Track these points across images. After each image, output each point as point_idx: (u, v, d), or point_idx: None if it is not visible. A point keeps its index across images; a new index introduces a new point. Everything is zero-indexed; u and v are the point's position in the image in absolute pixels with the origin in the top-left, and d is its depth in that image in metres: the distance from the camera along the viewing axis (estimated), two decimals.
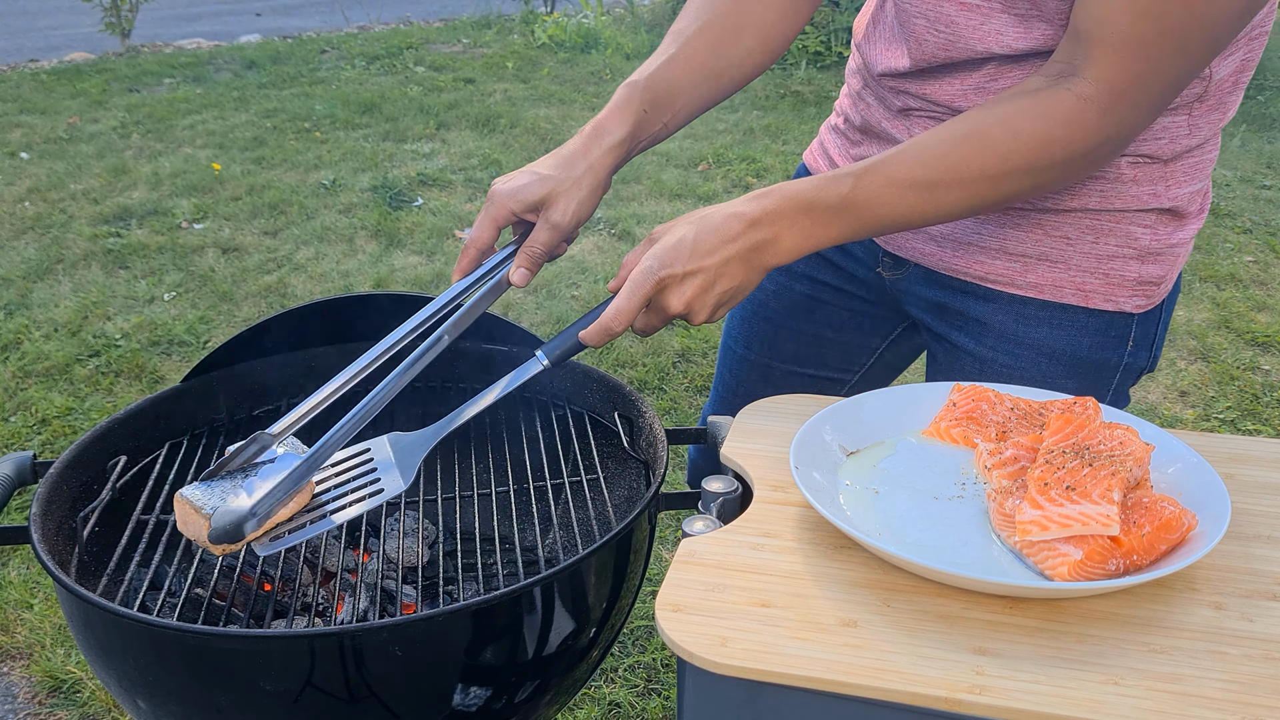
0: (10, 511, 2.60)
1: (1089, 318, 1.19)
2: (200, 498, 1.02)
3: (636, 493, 1.33)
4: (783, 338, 1.45)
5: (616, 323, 1.05)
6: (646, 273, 1.03)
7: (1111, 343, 1.20)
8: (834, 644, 0.77)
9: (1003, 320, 1.22)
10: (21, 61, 7.41)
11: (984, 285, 1.22)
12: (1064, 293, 1.18)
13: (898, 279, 1.32)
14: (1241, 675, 0.74)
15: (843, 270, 1.38)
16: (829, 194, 1.03)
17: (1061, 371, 1.21)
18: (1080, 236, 1.16)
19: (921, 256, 1.26)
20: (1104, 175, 1.13)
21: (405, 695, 1.00)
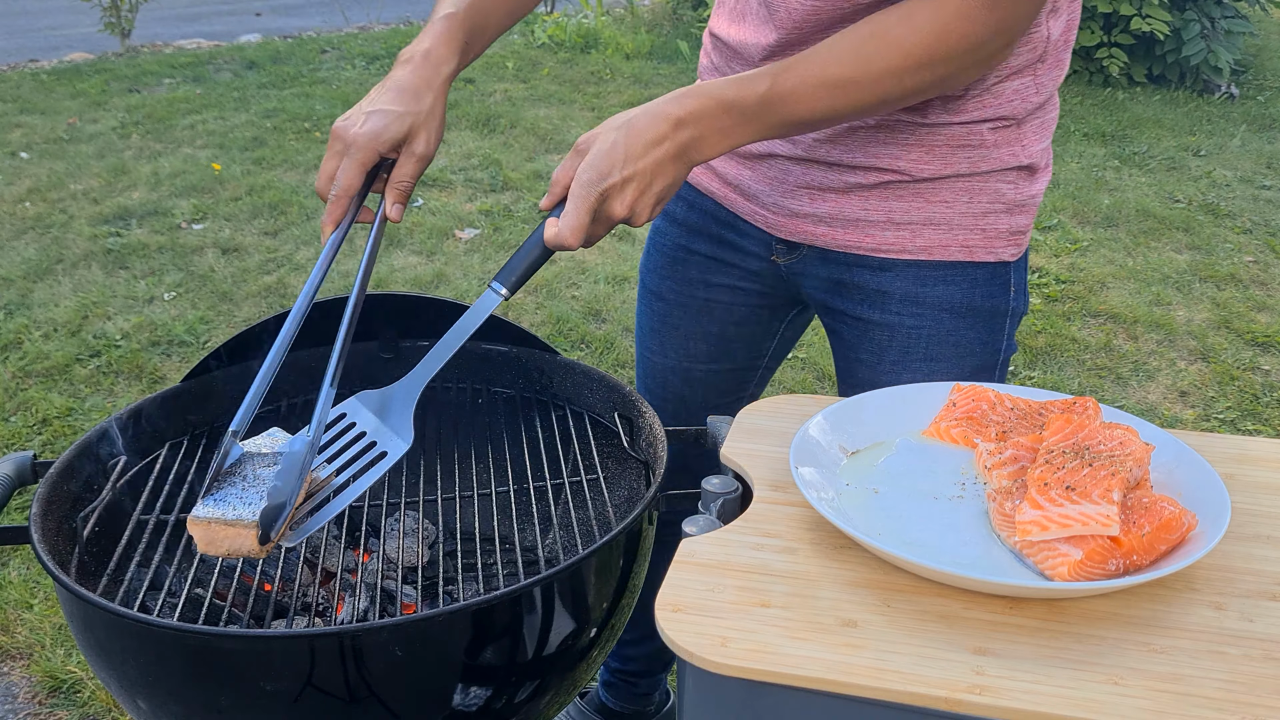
0: (10, 511, 2.60)
1: (976, 270, 1.29)
2: (223, 511, 1.00)
3: (636, 493, 1.33)
4: (692, 341, 1.52)
5: (573, 238, 1.07)
6: (588, 185, 1.06)
7: (999, 290, 1.31)
8: (834, 644, 0.77)
9: (902, 285, 1.30)
10: (21, 61, 7.41)
11: (878, 256, 1.30)
12: (951, 251, 1.28)
13: (793, 263, 1.38)
14: (1241, 675, 0.74)
15: (736, 268, 1.44)
16: (748, 93, 1.09)
17: (963, 324, 1.31)
18: (956, 199, 1.26)
19: (814, 238, 1.33)
20: (969, 143, 1.24)
21: (405, 695, 1.00)
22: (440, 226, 4.39)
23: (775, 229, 1.36)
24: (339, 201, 1.17)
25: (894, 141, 1.25)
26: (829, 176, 1.29)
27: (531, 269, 1.11)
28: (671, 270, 1.49)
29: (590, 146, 1.08)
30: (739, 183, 1.39)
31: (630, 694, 1.93)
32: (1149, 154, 5.44)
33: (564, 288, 3.88)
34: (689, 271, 1.48)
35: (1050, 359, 3.46)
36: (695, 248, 1.46)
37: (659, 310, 1.53)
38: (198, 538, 1.00)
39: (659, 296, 1.52)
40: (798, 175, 1.31)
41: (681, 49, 7.23)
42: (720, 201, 1.42)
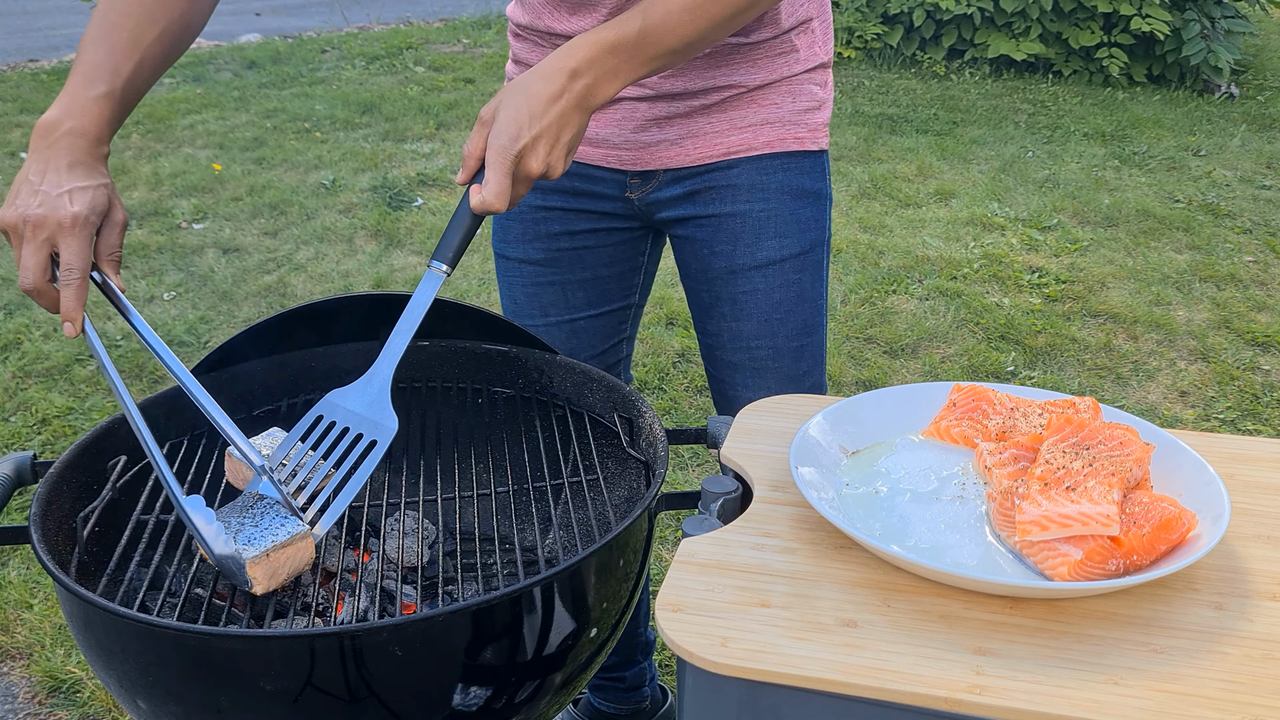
0: (10, 511, 2.60)
1: (804, 158, 1.49)
2: (274, 537, 1.06)
3: (636, 493, 1.33)
4: (570, 291, 1.61)
5: (498, 201, 1.13)
6: (503, 150, 1.13)
7: (820, 176, 1.52)
8: (834, 644, 0.77)
9: (749, 178, 1.48)
10: (21, 61, 7.41)
11: (728, 159, 1.47)
12: (787, 143, 1.48)
13: (647, 193, 1.51)
14: (1241, 675, 0.74)
15: (595, 213, 1.55)
16: (627, 30, 1.19)
17: (800, 205, 1.49)
18: (783, 100, 1.47)
19: (667, 161, 1.48)
20: (784, 50, 1.44)
21: (405, 695, 1.00)
22: (440, 226, 4.39)
23: (629, 164, 1.49)
24: (80, 285, 1.13)
25: (725, 64, 1.43)
26: (674, 105, 1.45)
27: (465, 240, 1.16)
28: (534, 231, 1.58)
29: (495, 115, 1.15)
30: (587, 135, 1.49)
31: (619, 692, 1.93)
32: (1149, 154, 5.44)
33: None
34: (551, 227, 1.57)
35: (1050, 359, 3.46)
36: (552, 204, 1.55)
37: (530, 274, 1.61)
38: (259, 576, 1.03)
39: (526, 261, 1.60)
40: (644, 111, 1.46)
41: None
42: None
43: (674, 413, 3.13)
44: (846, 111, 6.02)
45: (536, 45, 1.49)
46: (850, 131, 5.66)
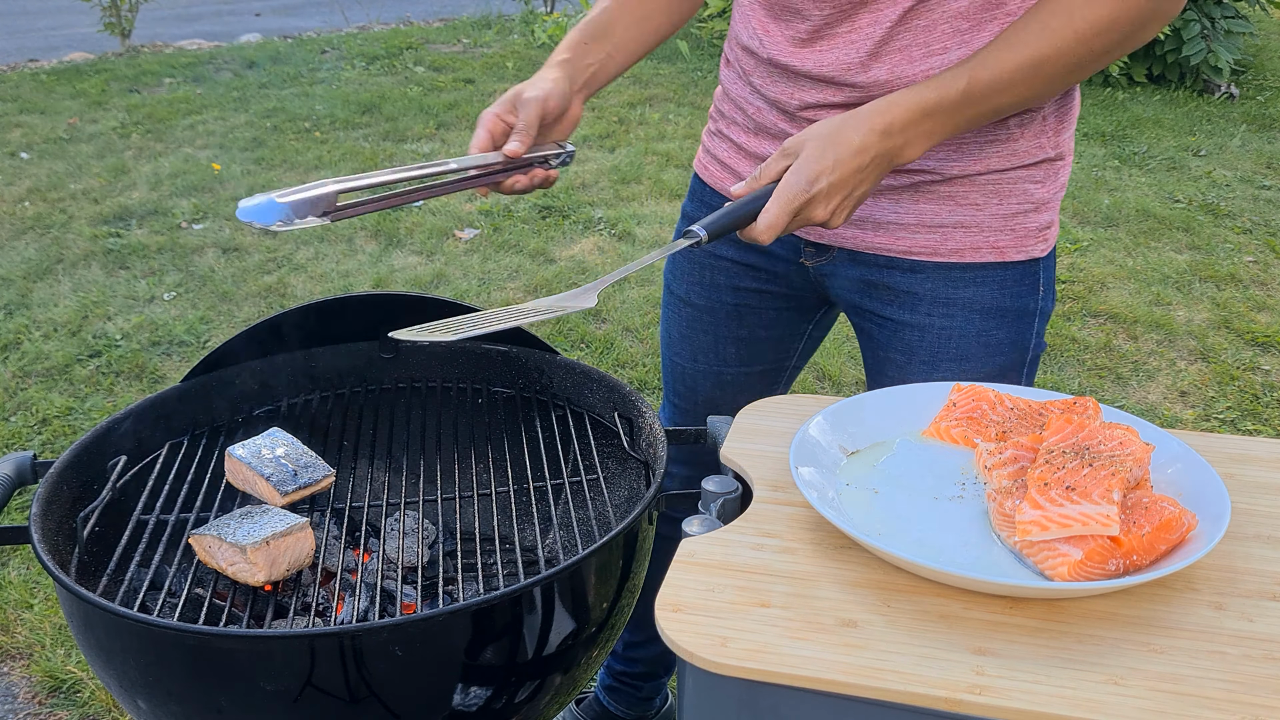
0: (10, 511, 2.60)
1: (1006, 270, 1.31)
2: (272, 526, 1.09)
3: (636, 493, 1.33)
4: (723, 345, 1.53)
5: (768, 235, 1.12)
6: (795, 189, 1.11)
7: (1028, 290, 1.33)
8: (834, 644, 0.77)
9: (932, 287, 1.32)
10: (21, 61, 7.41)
11: (909, 259, 1.32)
12: (982, 253, 1.30)
13: (822, 265, 1.39)
14: (1241, 675, 0.74)
15: (764, 272, 1.45)
16: (949, 93, 1.12)
17: (993, 325, 1.32)
18: (987, 201, 1.28)
19: (845, 241, 1.34)
20: (996, 137, 1.25)
21: (405, 695, 1.00)
22: (440, 226, 4.39)
23: (806, 232, 1.37)
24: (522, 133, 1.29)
25: None
26: None
27: (727, 229, 1.15)
28: (700, 276, 1.50)
29: (799, 151, 1.13)
30: None
31: (633, 698, 1.93)
32: (1149, 154, 5.44)
33: (564, 288, 3.88)
34: (716, 277, 1.48)
35: (1050, 359, 3.46)
36: (722, 253, 1.47)
37: (687, 316, 1.54)
38: (260, 563, 1.03)
39: (686, 303, 1.53)
40: None
41: (681, 49, 7.23)
42: None
43: None
44: None
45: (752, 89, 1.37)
46: None
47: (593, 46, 1.40)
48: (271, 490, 1.20)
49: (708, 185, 1.48)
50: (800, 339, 1.54)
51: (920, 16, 1.19)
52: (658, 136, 5.57)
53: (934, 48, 1.20)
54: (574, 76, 1.36)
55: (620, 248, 4.21)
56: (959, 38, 1.20)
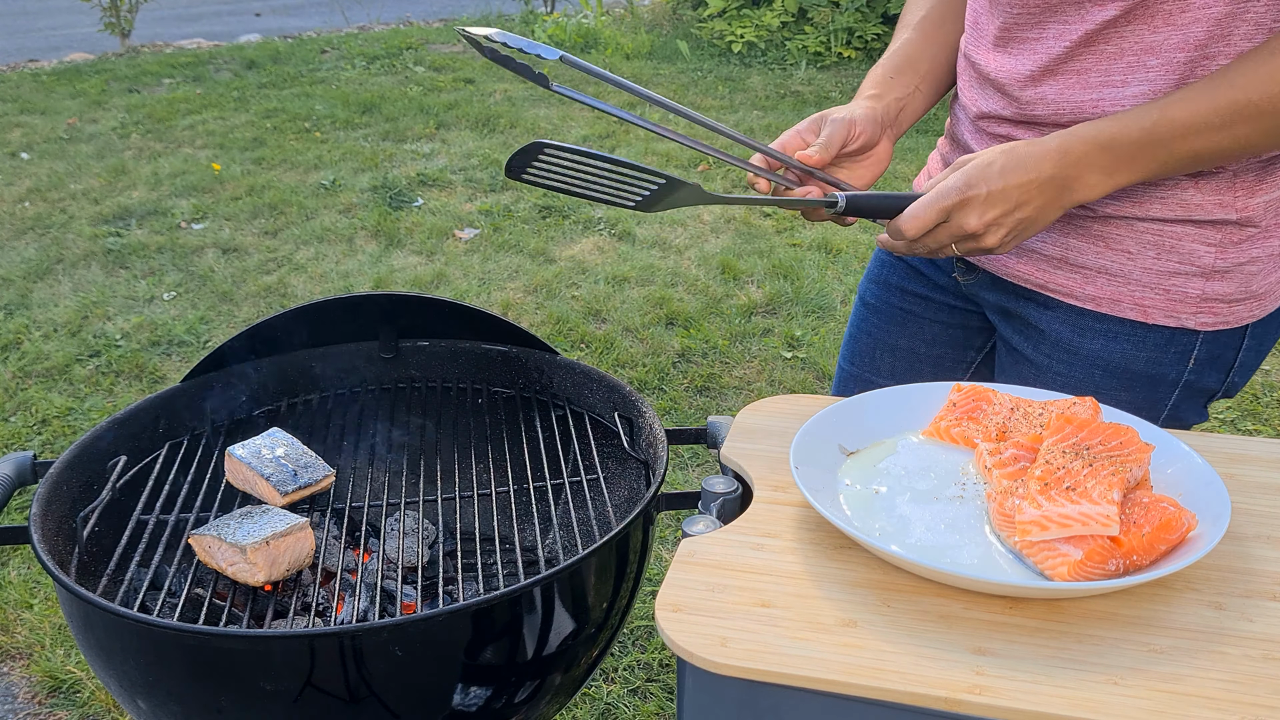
0: (10, 511, 2.60)
1: (1147, 332, 1.18)
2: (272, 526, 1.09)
3: (636, 493, 1.33)
4: (881, 353, 1.48)
5: (910, 225, 1.08)
6: (951, 188, 1.07)
7: (1170, 359, 1.18)
8: (834, 644, 0.77)
9: (1059, 330, 1.23)
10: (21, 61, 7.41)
11: (1043, 293, 1.23)
12: (1122, 307, 1.18)
13: (970, 283, 1.34)
14: (1241, 675, 0.74)
15: (929, 280, 1.41)
16: (1130, 130, 1.04)
17: (1116, 384, 1.21)
18: (1142, 251, 1.15)
19: (988, 262, 1.29)
20: (1166, 187, 1.13)
21: (405, 695, 1.00)
22: (440, 226, 4.39)
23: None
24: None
25: None
26: None
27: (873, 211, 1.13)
28: (879, 274, 1.47)
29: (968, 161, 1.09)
30: None
31: None
32: None
33: (564, 288, 3.88)
34: (890, 276, 1.45)
35: None
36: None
37: (860, 315, 1.50)
38: (260, 563, 1.03)
39: (864, 302, 1.50)
40: None
41: (682, 49, 7.23)
42: None
43: (674, 413, 3.13)
44: None
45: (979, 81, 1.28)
46: None
47: (898, 80, 1.31)
48: (271, 490, 1.20)
49: None
50: (965, 368, 1.44)
51: (1109, 41, 1.10)
52: (658, 137, 5.56)
53: (1112, 78, 1.11)
54: (884, 111, 1.27)
55: (620, 247, 4.21)
56: (1142, 74, 1.09)
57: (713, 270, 4.01)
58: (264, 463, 1.22)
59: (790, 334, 3.53)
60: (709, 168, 5.14)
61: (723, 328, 3.58)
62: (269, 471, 1.21)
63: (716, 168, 5.13)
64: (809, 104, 6.22)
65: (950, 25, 1.34)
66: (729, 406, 3.14)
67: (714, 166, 5.15)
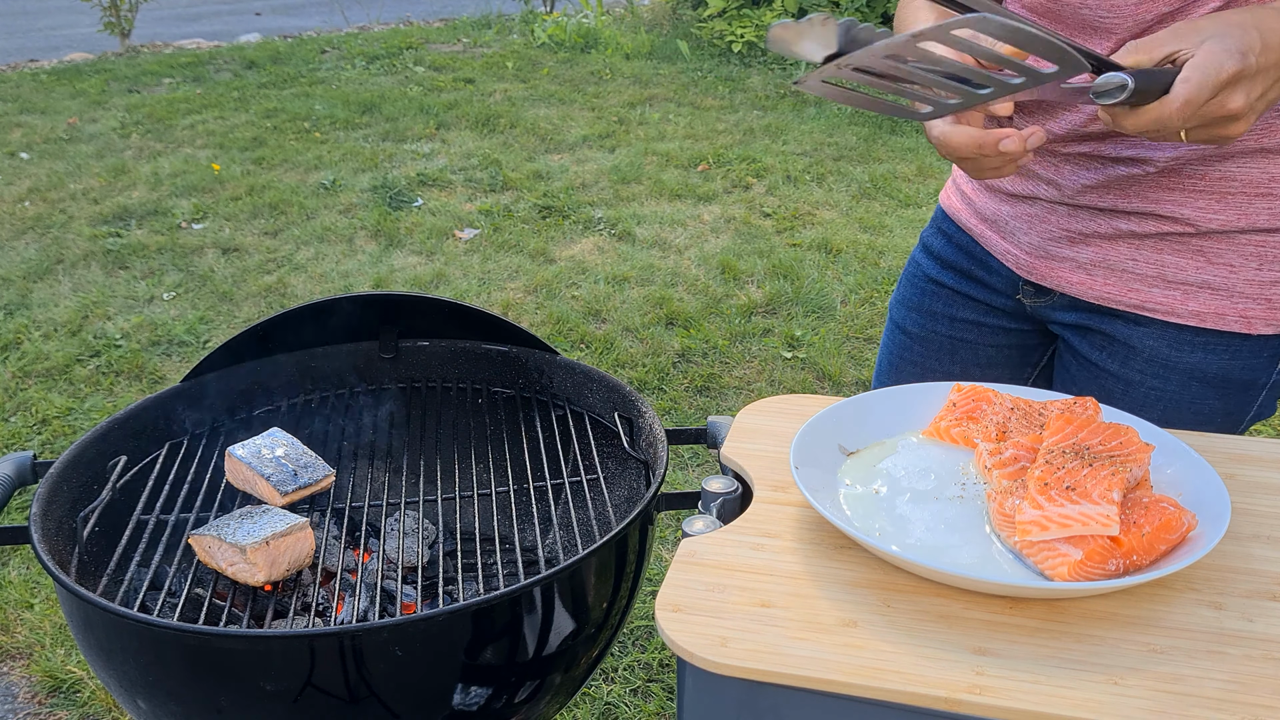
0: (10, 511, 2.60)
1: (1245, 342, 1.15)
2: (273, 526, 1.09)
3: (636, 493, 1.33)
4: (931, 379, 1.41)
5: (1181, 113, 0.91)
6: (1223, 58, 0.90)
7: (1264, 364, 1.17)
8: (834, 644, 0.77)
9: (1154, 345, 1.18)
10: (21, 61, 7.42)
11: (1137, 313, 1.18)
12: (1227, 320, 1.15)
13: (1039, 306, 1.29)
14: (1241, 675, 0.74)
15: (982, 304, 1.35)
16: None
17: (1212, 394, 1.18)
18: (1244, 264, 1.12)
19: (1069, 286, 1.22)
20: (1272, 191, 1.09)
21: (405, 695, 1.00)
22: (440, 226, 4.39)
23: (1026, 270, 1.26)
24: None
25: (1180, 187, 1.11)
26: (1097, 222, 1.18)
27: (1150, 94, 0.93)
28: (919, 302, 1.41)
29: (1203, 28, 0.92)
30: (996, 219, 1.30)
31: None
32: None
33: (564, 288, 3.88)
34: (935, 305, 1.40)
35: None
36: (943, 280, 1.38)
37: (900, 344, 1.44)
38: (260, 563, 1.03)
39: (903, 330, 1.44)
40: (1062, 217, 1.21)
41: (682, 49, 7.23)
42: (975, 237, 1.34)
43: (674, 413, 3.13)
44: (846, 111, 6.02)
45: None
46: (850, 131, 5.66)
47: None
48: (271, 490, 1.20)
49: (948, 215, 1.40)
50: (1022, 384, 1.39)
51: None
52: (658, 136, 5.57)
53: None
54: None
55: (620, 247, 4.21)
56: None
57: (713, 270, 4.01)
58: (264, 463, 1.22)
59: (790, 334, 3.53)
60: (709, 167, 5.14)
61: (723, 328, 3.58)
62: (269, 471, 1.21)
63: (716, 167, 5.13)
64: (809, 104, 6.22)
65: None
66: (729, 406, 3.14)
67: (713, 166, 5.14)
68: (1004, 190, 1.28)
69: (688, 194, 4.78)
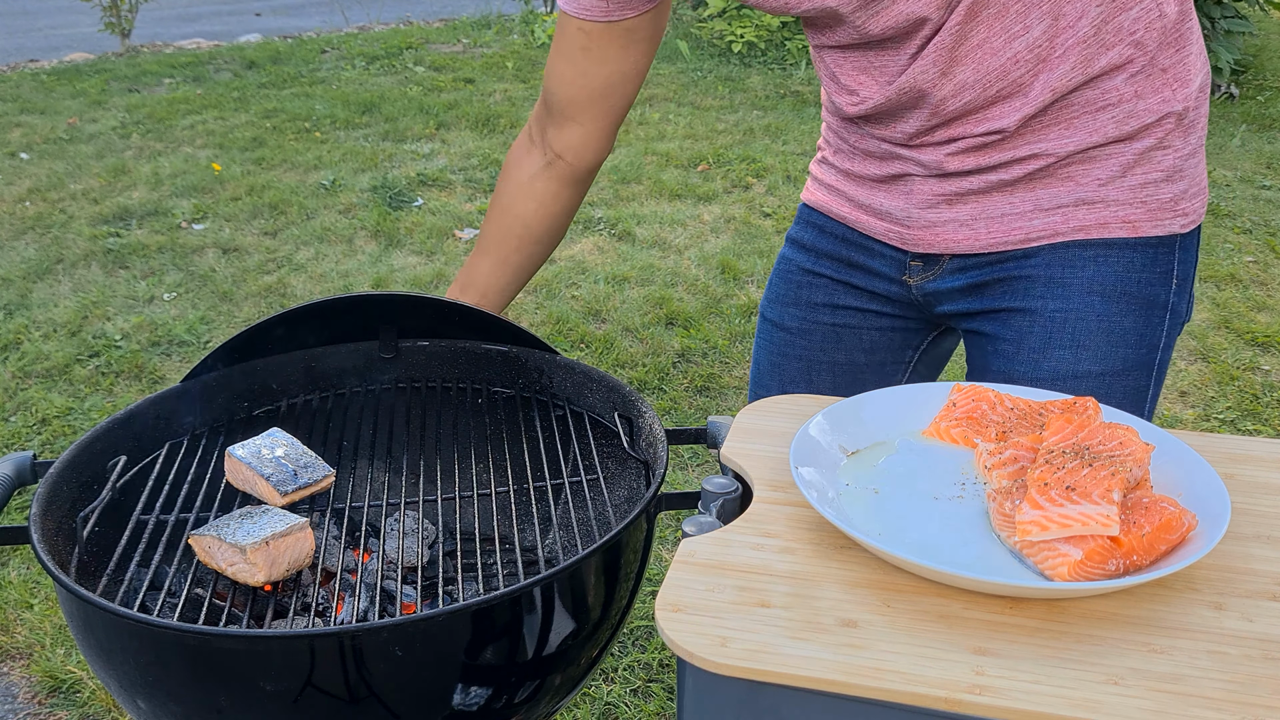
0: (10, 511, 2.60)
1: (1133, 252, 1.18)
2: (273, 526, 1.11)
3: (636, 493, 1.33)
4: (817, 373, 1.43)
5: None
6: None
7: (1157, 278, 1.19)
8: (834, 644, 0.77)
9: (1046, 270, 1.20)
10: (21, 61, 7.42)
11: (1024, 247, 1.21)
12: (1110, 228, 1.17)
13: (927, 281, 1.30)
14: (1241, 675, 0.74)
15: (864, 291, 1.37)
16: None
17: (1115, 309, 1.20)
18: (1110, 175, 1.16)
19: (956, 245, 1.24)
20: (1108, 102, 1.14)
21: (405, 695, 1.00)
22: (440, 226, 4.39)
23: (912, 244, 1.28)
24: None
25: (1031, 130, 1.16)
26: (968, 181, 1.21)
27: None
28: (795, 296, 1.41)
29: None
30: (870, 203, 1.31)
31: None
32: None
33: (564, 288, 3.88)
34: (814, 295, 1.40)
35: None
36: (821, 270, 1.39)
37: (779, 341, 1.44)
38: (260, 563, 1.03)
39: (780, 327, 1.43)
40: (934, 186, 1.24)
41: (681, 49, 7.23)
42: (850, 224, 1.35)
43: (674, 413, 3.13)
44: None
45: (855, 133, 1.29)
46: None
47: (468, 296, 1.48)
48: (271, 490, 1.20)
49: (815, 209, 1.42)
50: (902, 369, 1.43)
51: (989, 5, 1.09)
52: (658, 136, 5.57)
53: (1014, 30, 1.10)
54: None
55: (619, 247, 4.21)
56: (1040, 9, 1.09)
57: (713, 270, 4.01)
58: (264, 463, 1.22)
59: None
60: (709, 167, 5.14)
61: (723, 328, 3.58)
62: (269, 471, 1.21)
63: (716, 167, 5.13)
64: (809, 104, 6.22)
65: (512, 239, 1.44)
66: (729, 406, 3.14)
67: (713, 166, 5.15)
68: (873, 176, 1.30)
69: (688, 194, 4.78)
